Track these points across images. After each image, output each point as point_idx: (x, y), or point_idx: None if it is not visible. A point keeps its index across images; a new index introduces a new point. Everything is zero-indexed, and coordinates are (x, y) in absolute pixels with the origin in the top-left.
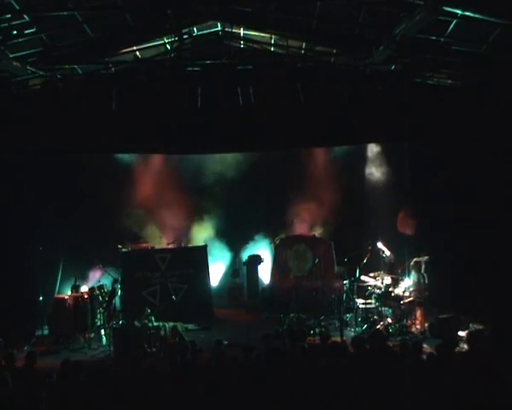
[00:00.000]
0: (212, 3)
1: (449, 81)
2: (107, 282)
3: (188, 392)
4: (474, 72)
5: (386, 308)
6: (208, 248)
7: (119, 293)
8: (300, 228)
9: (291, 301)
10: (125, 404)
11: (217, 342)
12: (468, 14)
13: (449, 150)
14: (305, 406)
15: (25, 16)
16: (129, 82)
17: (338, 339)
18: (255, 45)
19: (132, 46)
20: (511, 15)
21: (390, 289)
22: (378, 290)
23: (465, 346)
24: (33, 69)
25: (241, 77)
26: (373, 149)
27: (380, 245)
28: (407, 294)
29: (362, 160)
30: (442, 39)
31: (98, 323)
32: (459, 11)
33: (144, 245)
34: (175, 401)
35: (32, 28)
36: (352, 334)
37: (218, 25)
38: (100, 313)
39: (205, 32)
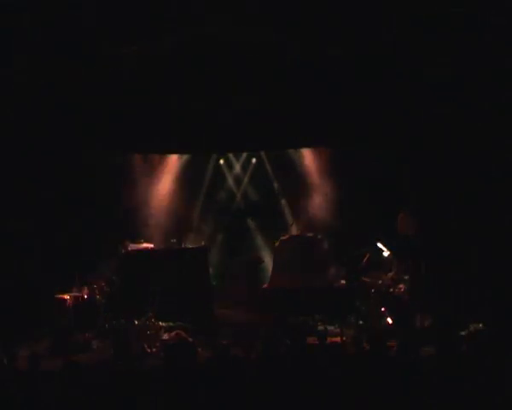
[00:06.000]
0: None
1: (448, 78)
2: (107, 282)
3: (188, 392)
4: (473, 69)
5: (386, 308)
6: (209, 249)
7: (119, 293)
8: (300, 228)
9: (291, 301)
10: (124, 404)
11: (216, 341)
12: None
13: (449, 150)
14: (304, 406)
15: None
16: (128, 81)
17: (338, 339)
18: (254, 44)
19: (132, 45)
20: None
21: (390, 290)
22: (378, 290)
23: (465, 346)
24: None
25: (240, 76)
26: (372, 149)
27: (379, 245)
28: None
29: (362, 160)
30: (442, 35)
31: (98, 323)
32: None
33: (144, 245)
34: (175, 401)
35: None
36: (352, 334)
37: (218, 25)
38: (100, 312)
39: (205, 32)
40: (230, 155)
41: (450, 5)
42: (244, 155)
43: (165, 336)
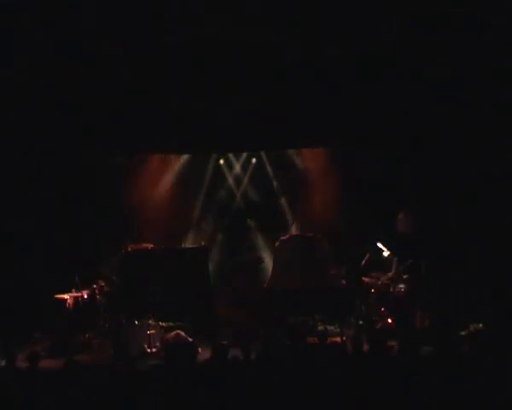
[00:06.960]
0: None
1: (448, 78)
2: (107, 282)
3: (188, 392)
4: (473, 69)
5: (386, 308)
6: (209, 249)
7: (119, 293)
8: (300, 228)
9: (291, 301)
10: (124, 404)
11: (216, 342)
12: None
13: (449, 150)
14: (304, 406)
15: None
16: (128, 81)
17: (338, 339)
18: (254, 44)
19: (132, 45)
20: None
21: (390, 289)
22: (378, 290)
23: (465, 346)
24: None
25: (240, 77)
26: (372, 149)
27: (379, 245)
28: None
29: (362, 160)
30: (442, 35)
31: (98, 323)
32: None
33: (144, 245)
34: (175, 401)
35: None
36: (352, 334)
37: (218, 25)
38: (100, 312)
39: (205, 32)
40: (230, 155)
41: (450, 5)
42: (244, 155)
43: (165, 336)
